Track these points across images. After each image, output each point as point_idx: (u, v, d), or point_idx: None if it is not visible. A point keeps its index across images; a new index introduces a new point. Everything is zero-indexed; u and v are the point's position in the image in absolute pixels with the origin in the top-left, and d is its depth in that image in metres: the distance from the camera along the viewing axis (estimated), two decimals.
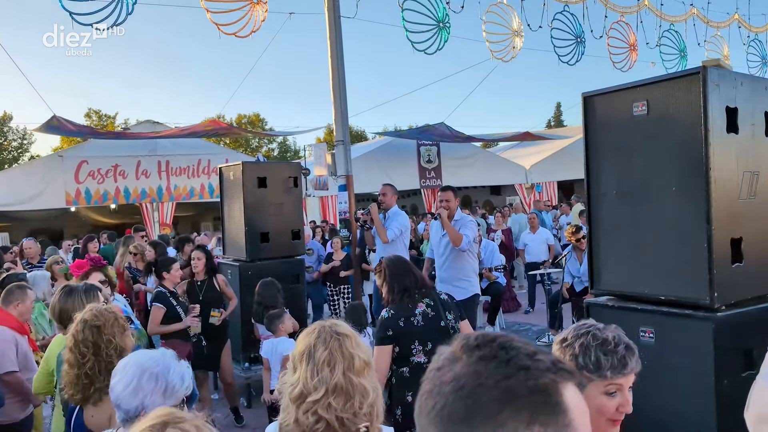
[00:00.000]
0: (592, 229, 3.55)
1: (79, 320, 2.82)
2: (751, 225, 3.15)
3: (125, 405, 2.18)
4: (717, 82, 2.97)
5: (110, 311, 2.89)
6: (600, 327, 1.90)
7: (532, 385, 0.80)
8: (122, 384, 2.18)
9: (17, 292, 4.74)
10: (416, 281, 3.87)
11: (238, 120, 49.51)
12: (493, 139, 27.23)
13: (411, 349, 3.70)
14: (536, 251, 11.54)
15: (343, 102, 9.83)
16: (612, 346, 1.83)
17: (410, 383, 3.68)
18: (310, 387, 1.98)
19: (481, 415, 0.79)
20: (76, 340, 2.76)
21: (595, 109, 3.51)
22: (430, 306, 3.80)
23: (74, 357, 2.74)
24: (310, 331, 2.10)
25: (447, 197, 6.21)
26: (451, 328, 3.77)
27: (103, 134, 21.49)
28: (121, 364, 2.25)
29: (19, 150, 45.20)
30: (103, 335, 2.76)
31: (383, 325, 3.75)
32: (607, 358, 1.82)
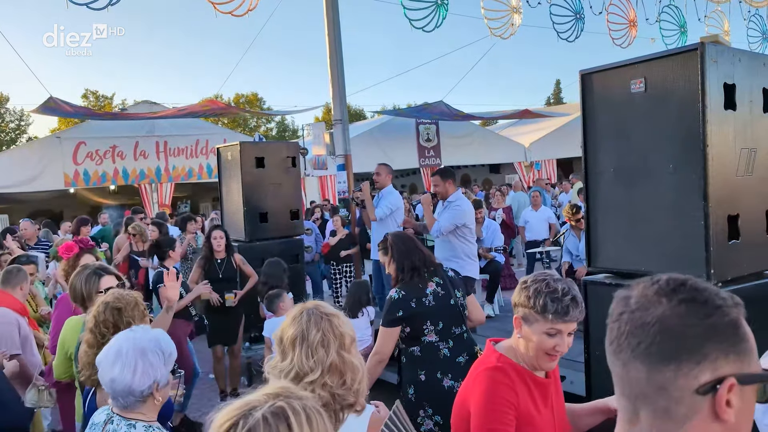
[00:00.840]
0: (589, 207, 3.56)
1: (100, 302, 2.87)
2: (748, 202, 3.15)
3: (139, 387, 2.21)
4: (715, 58, 2.95)
5: (131, 295, 2.94)
6: (555, 278, 2.18)
7: (727, 321, 0.97)
8: (130, 370, 2.20)
9: (20, 275, 4.77)
10: (425, 259, 3.79)
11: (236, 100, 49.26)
12: (492, 117, 27.13)
13: (423, 330, 3.65)
14: (537, 229, 11.52)
15: (341, 81, 9.78)
16: (559, 295, 2.12)
17: (422, 362, 3.66)
18: (306, 368, 2.02)
19: (687, 350, 0.96)
20: (96, 321, 2.80)
21: (593, 86, 3.50)
22: (440, 285, 3.73)
23: (94, 337, 2.79)
24: (297, 315, 2.14)
25: (435, 181, 6.30)
26: (460, 306, 3.74)
27: (100, 115, 21.41)
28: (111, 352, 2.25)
29: (16, 132, 45.04)
30: (124, 317, 2.80)
31: (394, 306, 3.65)
32: (553, 304, 2.11)
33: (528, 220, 11.71)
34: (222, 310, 6.40)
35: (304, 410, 1.25)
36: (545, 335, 2.15)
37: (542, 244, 10.68)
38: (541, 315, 2.13)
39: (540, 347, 2.16)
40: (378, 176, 7.16)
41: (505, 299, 9.57)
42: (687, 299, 0.98)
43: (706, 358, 0.95)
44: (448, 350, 3.67)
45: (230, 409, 1.24)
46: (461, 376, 3.60)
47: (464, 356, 3.68)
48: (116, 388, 2.21)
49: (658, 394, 0.98)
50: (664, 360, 0.97)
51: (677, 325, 0.97)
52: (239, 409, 1.23)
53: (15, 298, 4.66)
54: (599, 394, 3.48)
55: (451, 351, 3.67)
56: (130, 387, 2.20)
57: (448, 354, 3.66)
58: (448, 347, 3.67)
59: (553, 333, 2.14)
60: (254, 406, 1.23)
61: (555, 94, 60.71)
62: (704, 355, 0.95)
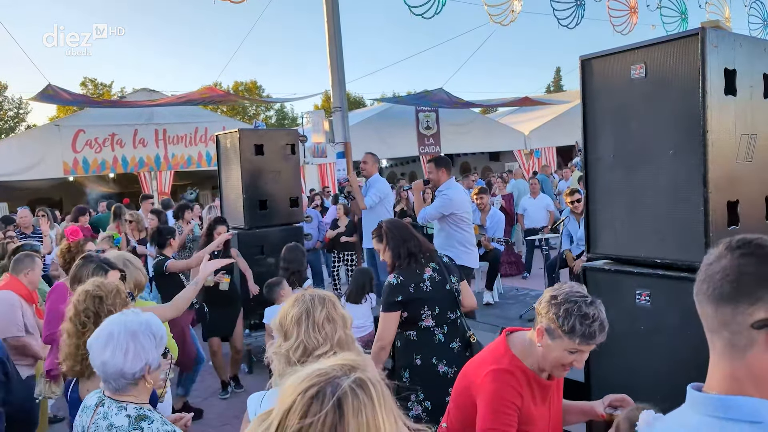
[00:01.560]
0: (589, 193, 3.55)
1: (81, 291, 2.85)
2: (747, 188, 3.14)
3: (131, 370, 2.23)
4: (716, 43, 2.93)
5: (113, 284, 2.92)
6: (588, 301, 2.24)
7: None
8: (121, 352, 2.21)
9: (27, 261, 4.80)
10: (420, 245, 3.84)
11: (235, 87, 49.10)
12: (492, 105, 27.03)
13: (420, 314, 3.69)
14: (536, 216, 11.52)
15: (340, 68, 9.74)
16: (589, 321, 2.19)
17: (418, 346, 3.71)
18: (314, 343, 2.10)
19: (742, 294, 1.18)
20: (77, 310, 2.78)
21: (593, 72, 3.48)
22: (436, 270, 3.78)
23: (74, 327, 2.76)
24: (298, 299, 2.21)
25: (429, 169, 6.34)
26: (455, 291, 3.80)
27: (99, 103, 21.33)
28: (103, 335, 2.25)
29: (15, 120, 44.94)
30: (105, 306, 2.78)
31: (392, 291, 3.69)
32: (581, 328, 2.18)
33: (527, 207, 11.71)
34: (220, 303, 6.39)
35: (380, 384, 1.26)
36: (567, 352, 2.25)
37: (541, 231, 10.68)
38: (567, 335, 2.21)
39: (559, 361, 2.28)
40: (365, 165, 7.27)
41: (504, 287, 9.59)
42: (746, 253, 1.21)
43: (760, 300, 1.16)
44: (443, 335, 3.73)
45: (309, 376, 1.23)
46: (454, 362, 3.66)
47: (457, 342, 3.75)
48: (108, 370, 2.22)
49: (722, 328, 1.22)
50: (725, 301, 1.20)
51: (735, 273, 1.19)
52: (321, 376, 1.22)
53: (21, 283, 4.68)
54: (598, 380, 3.50)
55: (446, 336, 3.73)
56: (121, 370, 2.21)
57: (443, 339, 3.72)
58: (443, 333, 3.73)
59: (575, 351, 2.25)
60: (337, 375, 1.22)
61: (555, 82, 60.52)
62: (758, 298, 1.16)
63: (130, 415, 2.23)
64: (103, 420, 2.23)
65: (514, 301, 8.60)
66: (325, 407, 1.16)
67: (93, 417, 2.26)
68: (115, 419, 2.21)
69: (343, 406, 1.17)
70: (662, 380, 3.11)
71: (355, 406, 1.18)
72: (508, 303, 8.48)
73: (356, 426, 1.16)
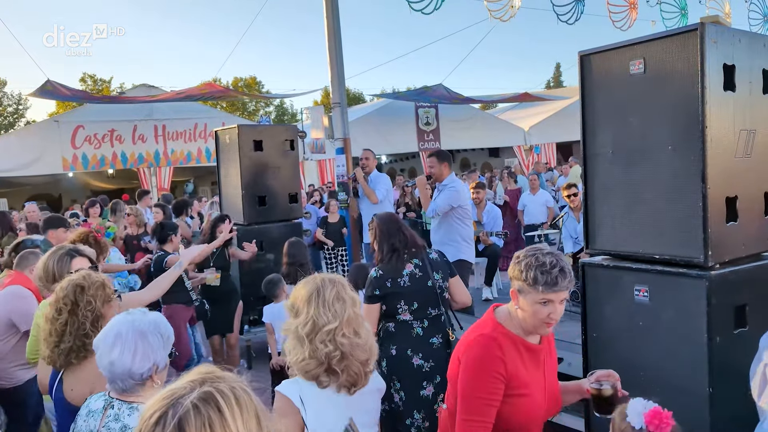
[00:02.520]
0: (587, 188, 3.54)
1: (66, 279, 2.84)
2: (746, 183, 3.14)
3: (139, 370, 2.21)
4: (715, 38, 2.93)
5: (99, 278, 2.88)
6: (545, 251, 2.36)
7: None
8: (130, 352, 2.19)
9: (31, 258, 4.81)
10: (406, 241, 3.91)
11: (235, 83, 49.02)
12: (492, 101, 27.00)
13: (397, 308, 3.79)
14: (535, 213, 11.53)
15: (339, 64, 9.72)
16: (547, 267, 2.29)
17: (395, 338, 3.80)
18: (324, 319, 2.20)
19: None
20: (57, 297, 2.77)
21: (591, 67, 3.47)
22: (419, 266, 3.85)
23: (51, 313, 2.76)
24: (310, 281, 2.33)
25: (431, 163, 6.35)
26: (438, 288, 3.83)
27: (98, 98, 21.32)
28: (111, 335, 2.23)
29: (14, 116, 44.89)
30: (85, 296, 2.76)
31: (371, 284, 3.85)
32: (542, 276, 2.28)
33: (526, 204, 11.72)
34: (219, 300, 6.40)
35: (232, 392, 1.24)
36: (539, 305, 2.33)
37: (540, 227, 10.69)
38: (532, 287, 2.31)
39: (535, 316, 2.35)
40: (367, 161, 7.32)
41: (503, 282, 9.59)
42: None
43: None
44: (421, 329, 3.79)
45: (156, 400, 1.21)
46: (432, 357, 3.72)
47: (438, 338, 3.79)
48: (115, 371, 2.19)
49: None
50: None
51: None
52: (166, 398, 1.20)
53: (28, 278, 4.71)
54: None
55: (425, 331, 3.78)
56: (129, 370, 2.19)
57: (421, 333, 3.78)
58: (422, 327, 3.79)
59: (545, 302, 2.32)
60: (181, 394, 1.20)
61: (555, 78, 60.47)
62: None
63: None
64: (115, 422, 2.20)
65: None
66: (166, 430, 1.14)
67: (102, 420, 2.23)
68: (129, 420, 2.19)
69: (183, 426, 1.15)
70: (660, 375, 3.11)
71: (198, 424, 1.15)
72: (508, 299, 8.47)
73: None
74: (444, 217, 6.14)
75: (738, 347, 3.02)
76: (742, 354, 3.06)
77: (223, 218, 6.73)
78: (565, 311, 6.95)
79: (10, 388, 4.38)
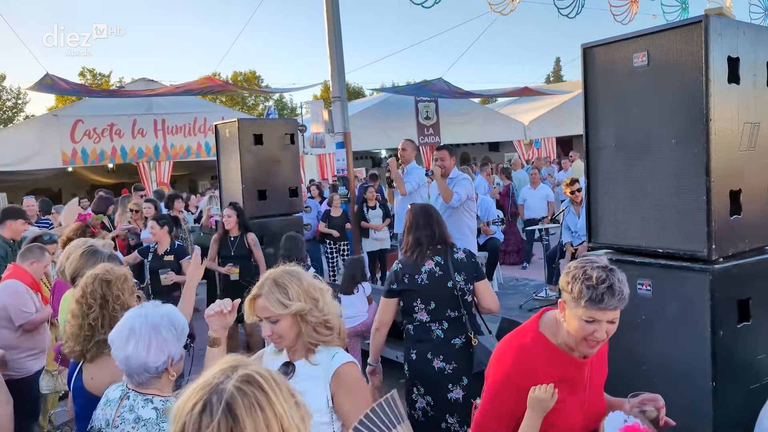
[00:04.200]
0: (590, 182, 3.53)
1: (89, 274, 2.85)
2: (750, 177, 3.12)
3: (154, 363, 2.23)
4: (719, 31, 2.91)
5: (121, 270, 2.92)
6: (595, 264, 2.16)
7: None
8: (144, 346, 2.22)
9: (36, 252, 4.84)
10: (433, 237, 3.76)
11: (234, 77, 48.92)
12: (492, 95, 26.96)
13: (413, 306, 3.67)
14: (535, 207, 11.51)
15: (339, 58, 9.68)
16: (594, 283, 2.10)
17: (415, 340, 3.69)
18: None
19: None
20: (84, 292, 2.78)
21: (594, 60, 3.45)
22: (440, 265, 3.69)
23: (80, 308, 2.77)
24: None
25: (442, 156, 6.26)
26: (458, 290, 3.64)
27: (97, 92, 21.24)
28: (125, 330, 2.24)
29: (13, 110, 44.82)
30: (113, 290, 2.79)
31: (390, 278, 3.77)
32: (588, 291, 2.10)
33: (526, 198, 11.70)
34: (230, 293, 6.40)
35: (268, 372, 1.25)
36: (583, 321, 2.13)
37: (540, 222, 10.67)
38: (576, 302, 2.13)
39: (579, 333, 2.16)
40: (404, 152, 7.24)
41: (504, 276, 9.58)
42: None
43: None
44: (441, 332, 3.64)
45: (194, 390, 1.21)
46: (454, 358, 3.57)
47: (461, 338, 3.64)
48: (131, 365, 2.22)
49: None
50: None
51: None
52: (204, 388, 1.20)
53: (26, 272, 4.72)
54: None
55: (445, 332, 3.63)
56: (145, 363, 2.22)
57: (442, 335, 3.63)
58: (442, 329, 3.64)
59: (591, 320, 2.12)
60: (219, 381, 1.21)
61: (555, 72, 60.36)
62: None
63: (158, 407, 2.24)
64: (130, 413, 2.23)
65: (514, 291, 8.60)
66: (216, 416, 1.14)
67: (118, 410, 2.26)
68: (143, 412, 2.22)
69: (234, 408, 1.15)
70: (663, 369, 3.10)
71: (247, 404, 1.16)
72: (508, 293, 8.48)
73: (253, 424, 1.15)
74: (455, 210, 6.10)
75: (741, 341, 3.01)
76: (745, 348, 3.06)
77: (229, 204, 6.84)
78: None
79: (19, 379, 4.41)
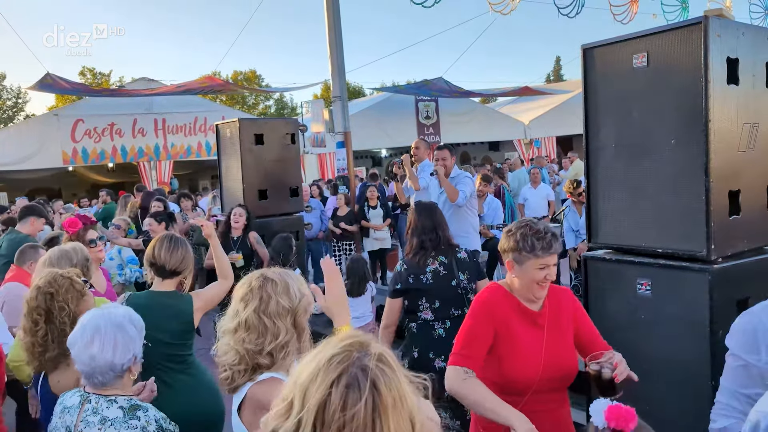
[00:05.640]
0: (590, 182, 3.54)
1: (33, 286, 2.77)
2: (749, 177, 3.13)
3: (120, 361, 2.22)
4: (718, 32, 2.92)
5: (65, 277, 2.81)
6: (534, 221, 2.57)
7: None
8: (110, 345, 2.19)
9: (30, 252, 4.81)
10: (437, 237, 3.82)
11: (235, 77, 48.90)
12: (492, 94, 26.96)
13: (418, 305, 3.72)
14: (536, 206, 11.50)
15: (339, 57, 9.70)
16: (542, 234, 2.48)
17: (417, 339, 3.74)
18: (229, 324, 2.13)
19: None
20: (30, 307, 2.71)
21: (594, 61, 3.46)
22: (444, 264, 3.76)
23: (28, 324, 2.70)
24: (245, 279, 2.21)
25: (443, 155, 6.27)
26: (462, 288, 3.74)
27: (97, 92, 21.24)
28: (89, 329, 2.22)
29: (14, 109, 44.82)
30: (56, 302, 2.71)
31: (394, 278, 3.82)
32: (539, 242, 2.47)
33: (527, 197, 11.69)
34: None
35: (386, 352, 1.27)
36: (537, 270, 2.48)
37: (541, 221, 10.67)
38: (531, 253, 2.47)
39: (533, 281, 2.51)
40: (417, 150, 7.26)
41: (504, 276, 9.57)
42: None
43: None
44: (443, 330, 3.70)
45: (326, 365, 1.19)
46: None
47: None
48: (97, 364, 2.19)
49: None
50: None
51: None
52: (344, 362, 1.19)
53: (27, 273, 4.70)
54: None
55: (447, 332, 3.68)
56: (111, 362, 2.19)
57: (444, 335, 3.69)
58: (444, 327, 3.70)
59: (542, 267, 2.48)
60: (357, 356, 1.21)
61: (555, 72, 60.31)
62: None
63: (123, 406, 2.21)
64: (94, 415, 2.18)
65: None
66: (364, 394, 1.14)
67: (80, 415, 2.21)
68: (108, 413, 2.18)
69: (378, 386, 1.16)
70: (663, 369, 3.11)
71: (387, 383, 1.18)
72: None
73: (392, 401, 1.16)
74: (457, 208, 6.10)
75: None
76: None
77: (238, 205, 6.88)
78: None
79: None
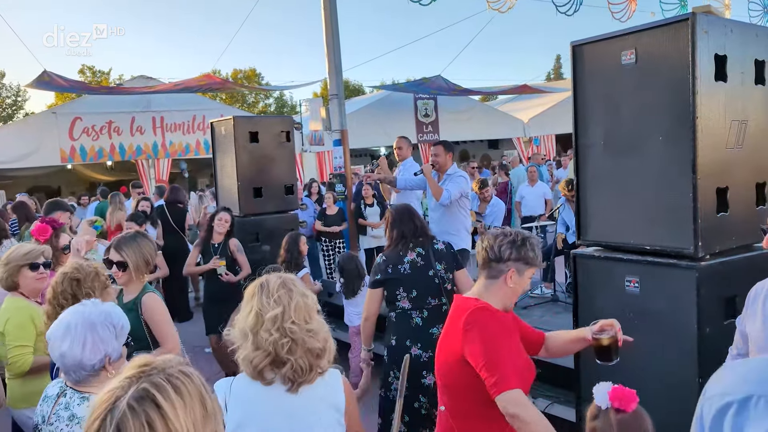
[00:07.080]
0: (579, 179, 3.54)
1: (59, 272, 2.83)
2: (737, 174, 3.13)
3: (90, 361, 2.19)
4: (706, 29, 2.91)
5: (91, 266, 2.88)
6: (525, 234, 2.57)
7: None
8: (79, 344, 2.17)
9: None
10: (415, 230, 4.01)
11: (234, 75, 48.85)
12: (491, 92, 26.95)
13: (396, 295, 3.89)
14: (533, 204, 11.51)
15: (336, 55, 9.66)
16: (536, 246, 2.55)
17: (395, 328, 3.91)
18: (267, 307, 2.09)
19: None
20: (55, 293, 2.76)
21: (584, 58, 3.46)
22: (421, 255, 3.93)
23: (53, 309, 2.74)
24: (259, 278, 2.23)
25: (436, 151, 6.25)
26: (438, 278, 3.88)
27: (95, 89, 21.25)
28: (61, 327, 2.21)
29: (13, 107, 44.82)
30: (83, 288, 2.76)
31: (374, 269, 3.99)
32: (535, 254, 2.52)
33: (524, 195, 11.69)
34: (222, 300, 6.27)
35: (169, 381, 1.20)
36: (529, 279, 2.56)
37: (538, 219, 10.67)
38: (531, 265, 2.52)
39: (521, 289, 2.56)
40: (400, 150, 7.20)
41: None
42: None
43: None
44: (420, 319, 3.85)
45: (97, 404, 1.18)
46: (431, 347, 3.68)
47: (439, 328, 3.75)
48: (66, 362, 2.19)
49: None
50: None
51: None
52: (104, 402, 1.17)
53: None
54: (586, 366, 3.50)
55: (425, 321, 3.85)
56: (80, 361, 2.18)
57: (420, 323, 3.85)
58: (422, 317, 3.86)
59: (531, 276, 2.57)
60: (118, 396, 1.17)
61: (555, 69, 60.23)
62: None
63: None
64: (65, 410, 2.19)
65: None
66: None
67: (54, 407, 2.22)
68: (77, 410, 2.18)
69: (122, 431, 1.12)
70: (650, 366, 3.12)
71: (137, 426, 1.12)
72: None
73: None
74: (448, 207, 6.09)
75: (728, 338, 3.01)
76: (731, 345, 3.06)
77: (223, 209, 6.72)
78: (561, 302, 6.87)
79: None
